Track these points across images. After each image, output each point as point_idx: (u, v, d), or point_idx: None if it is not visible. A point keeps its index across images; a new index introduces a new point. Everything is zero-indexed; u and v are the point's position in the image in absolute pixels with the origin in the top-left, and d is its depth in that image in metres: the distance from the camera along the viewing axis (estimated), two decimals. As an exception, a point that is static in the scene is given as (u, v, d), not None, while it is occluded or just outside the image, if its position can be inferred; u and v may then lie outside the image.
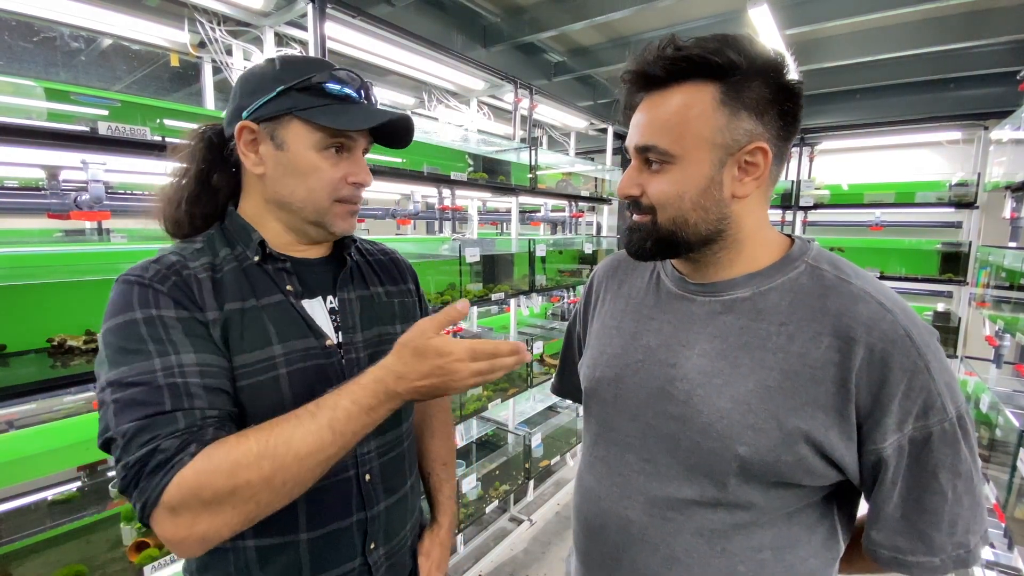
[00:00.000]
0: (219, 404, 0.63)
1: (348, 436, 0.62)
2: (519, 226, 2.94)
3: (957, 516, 0.62)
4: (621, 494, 0.74)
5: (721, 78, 0.63)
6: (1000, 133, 2.48)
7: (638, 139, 0.68)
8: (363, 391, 0.62)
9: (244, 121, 0.72)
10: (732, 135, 0.64)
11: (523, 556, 2.65)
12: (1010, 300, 2.18)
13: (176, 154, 0.79)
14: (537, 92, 2.94)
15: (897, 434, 0.61)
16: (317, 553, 0.74)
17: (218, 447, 0.58)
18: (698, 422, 0.67)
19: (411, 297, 0.94)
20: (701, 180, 0.65)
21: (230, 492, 0.56)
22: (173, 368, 0.61)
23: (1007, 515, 1.69)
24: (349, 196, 0.77)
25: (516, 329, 3.11)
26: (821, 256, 0.70)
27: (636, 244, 0.72)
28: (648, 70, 0.66)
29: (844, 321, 0.62)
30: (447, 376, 0.62)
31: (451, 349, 0.61)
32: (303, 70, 0.72)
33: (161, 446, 0.57)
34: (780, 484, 0.65)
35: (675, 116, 0.64)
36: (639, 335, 0.78)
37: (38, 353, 1.27)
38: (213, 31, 1.74)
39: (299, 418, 0.61)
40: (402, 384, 0.62)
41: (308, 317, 0.76)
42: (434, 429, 1.04)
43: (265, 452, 0.58)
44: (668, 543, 0.70)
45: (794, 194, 3.95)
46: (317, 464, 0.61)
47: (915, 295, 3.96)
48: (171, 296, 0.66)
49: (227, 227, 0.78)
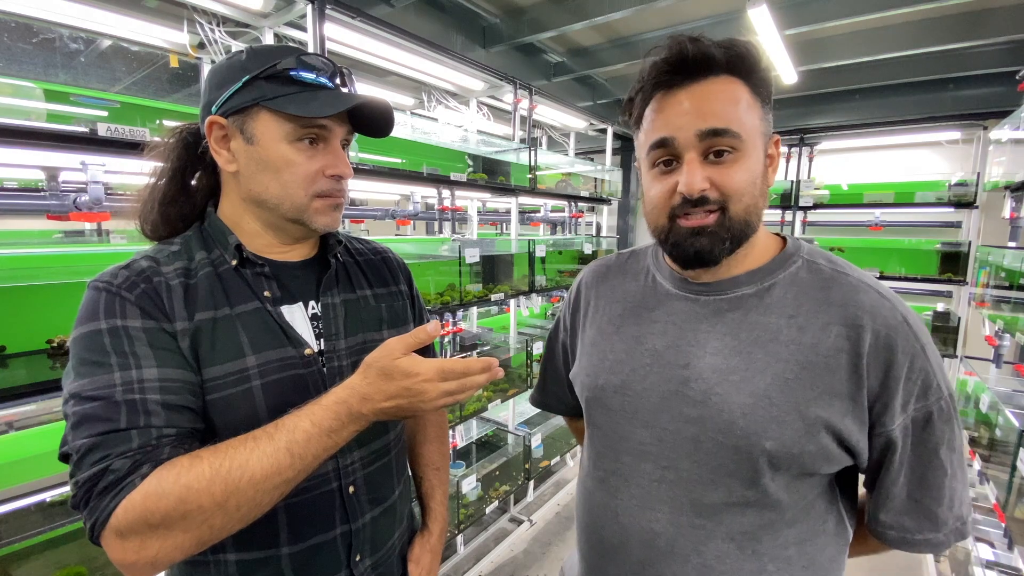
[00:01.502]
0: (178, 422, 0.61)
1: (308, 459, 0.59)
2: (519, 226, 2.94)
3: (955, 491, 0.65)
4: (642, 506, 0.71)
5: (747, 76, 0.65)
6: (999, 133, 2.48)
7: (706, 123, 0.62)
8: (324, 412, 0.60)
9: (213, 116, 0.69)
10: (764, 126, 0.67)
11: (523, 557, 2.65)
12: (1010, 300, 2.18)
13: (152, 153, 0.76)
14: (537, 92, 2.94)
15: (903, 415, 0.63)
16: (299, 567, 0.72)
17: (170, 469, 0.56)
18: (719, 421, 0.66)
19: (402, 299, 0.90)
20: (759, 167, 0.66)
21: (180, 517, 0.55)
22: (133, 383, 0.59)
23: (1007, 515, 1.69)
24: (328, 190, 0.72)
25: (516, 330, 3.11)
26: (815, 252, 0.73)
27: (708, 247, 0.66)
28: (701, 55, 0.63)
29: (850, 310, 0.64)
30: (415, 397, 0.60)
31: (419, 369, 0.59)
32: (269, 57, 0.67)
33: (112, 466, 0.55)
34: (800, 475, 0.66)
35: (734, 104, 0.64)
36: (643, 338, 0.75)
37: (37, 354, 1.27)
38: (212, 32, 1.74)
39: (256, 440, 0.58)
40: (367, 405, 0.60)
41: (286, 325, 0.72)
42: (428, 434, 1.01)
43: (218, 475, 0.56)
44: (699, 551, 0.68)
45: (794, 194, 3.95)
46: (274, 487, 0.58)
47: (915, 295, 3.96)
48: (138, 305, 0.63)
49: (206, 229, 0.75)
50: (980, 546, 2.09)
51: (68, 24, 1.74)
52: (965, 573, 2.13)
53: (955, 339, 3.27)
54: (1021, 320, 1.92)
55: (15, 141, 1.11)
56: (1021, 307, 1.99)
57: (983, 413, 2.09)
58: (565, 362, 0.94)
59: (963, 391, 2.56)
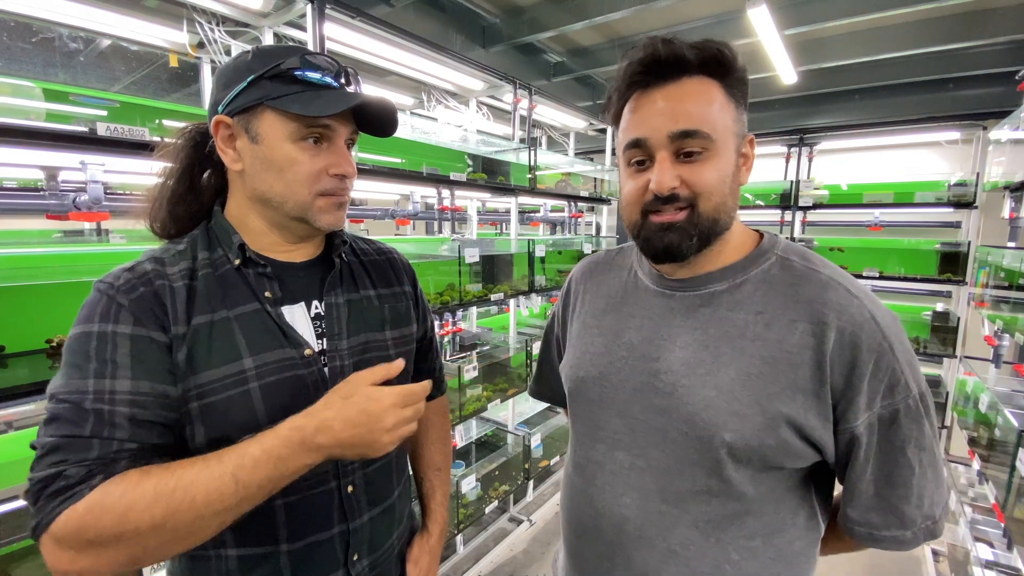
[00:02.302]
0: (140, 437, 0.61)
1: (253, 488, 0.59)
2: (518, 226, 2.94)
3: (924, 489, 0.66)
4: (614, 492, 0.75)
5: (721, 76, 0.67)
6: (999, 133, 2.48)
7: (677, 125, 0.64)
8: (275, 439, 0.60)
9: (219, 115, 0.70)
10: (738, 127, 0.69)
11: (523, 556, 2.65)
12: (1009, 300, 2.18)
13: (161, 152, 0.77)
14: (536, 92, 2.94)
15: (868, 412, 0.64)
16: (297, 564, 0.73)
17: (118, 483, 0.57)
18: (684, 412, 0.69)
19: (405, 300, 0.90)
20: (730, 167, 0.68)
21: (115, 536, 0.55)
22: (104, 393, 0.60)
23: (1006, 515, 1.69)
24: (332, 188, 0.73)
25: (515, 329, 3.11)
26: (790, 248, 0.74)
27: (676, 242, 0.68)
28: (674, 57, 0.65)
29: (816, 307, 0.66)
30: (374, 423, 0.62)
31: (379, 395, 0.63)
32: (273, 57, 0.68)
33: (67, 472, 0.56)
34: (766, 469, 0.67)
35: (706, 105, 0.65)
36: (621, 332, 0.79)
37: (37, 354, 1.28)
38: (212, 32, 1.74)
39: (206, 462, 0.59)
40: (323, 436, 0.61)
41: (285, 325, 0.72)
42: (430, 435, 1.02)
43: (160, 496, 0.56)
44: (665, 537, 0.70)
45: (793, 194, 3.95)
46: (215, 514, 0.57)
47: (914, 295, 3.96)
48: (132, 311, 0.63)
49: (212, 228, 0.76)
50: (979, 546, 2.09)
51: (68, 24, 1.74)
52: (965, 573, 2.13)
53: (954, 339, 3.27)
54: (1020, 320, 1.92)
55: (14, 140, 1.11)
56: (1020, 307, 1.99)
57: (982, 413, 2.09)
58: (559, 353, 0.96)
59: (962, 391, 2.56)
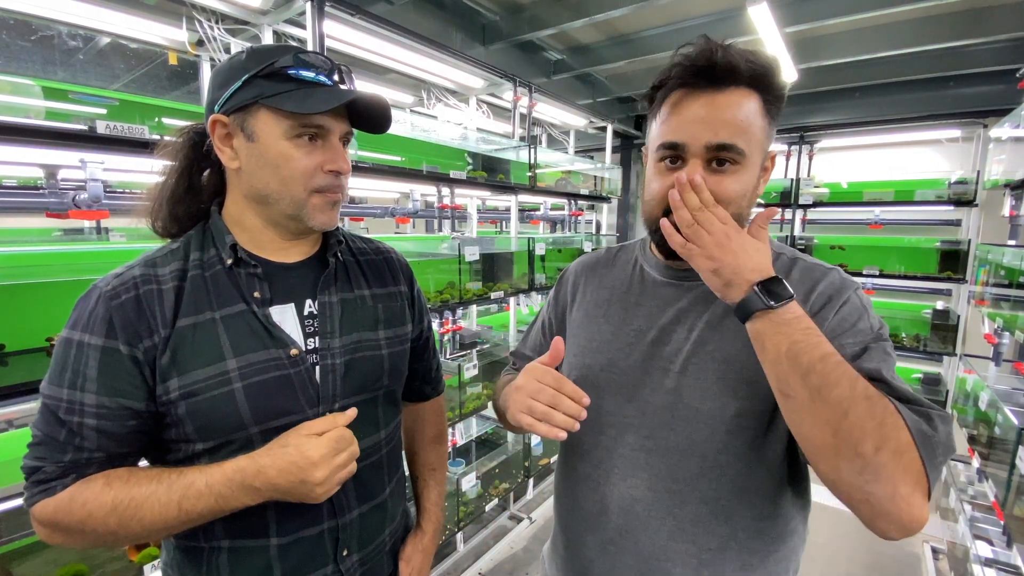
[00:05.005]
0: (106, 447, 0.67)
1: (195, 516, 0.65)
2: (518, 224, 2.94)
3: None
4: (623, 475, 0.76)
5: (764, 91, 0.69)
6: (999, 131, 2.48)
7: (717, 137, 0.67)
8: (221, 476, 0.65)
9: (215, 114, 0.70)
10: (767, 142, 0.72)
11: (523, 554, 2.65)
12: (1009, 298, 2.18)
13: (161, 151, 0.78)
14: (536, 90, 2.94)
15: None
16: (286, 559, 0.74)
17: (85, 488, 0.65)
18: (696, 387, 0.72)
19: (400, 300, 0.90)
20: (753, 180, 0.71)
21: (79, 531, 0.65)
22: (75, 405, 0.65)
23: (1006, 513, 1.69)
24: (327, 185, 0.73)
25: (515, 328, 3.11)
26: (781, 247, 0.81)
27: None
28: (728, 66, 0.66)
29: (807, 283, 0.73)
30: (305, 475, 0.64)
31: (309, 448, 0.65)
32: (267, 56, 0.69)
33: (46, 468, 0.65)
34: (766, 433, 0.70)
35: (746, 118, 0.68)
36: (628, 320, 0.82)
37: (37, 352, 1.27)
38: (211, 29, 1.73)
39: (159, 483, 0.65)
40: (260, 480, 0.64)
41: (271, 325, 0.73)
42: (426, 435, 1.02)
43: (115, 510, 0.64)
44: (675, 514, 0.72)
45: (793, 192, 3.95)
46: (160, 530, 0.66)
47: (914, 293, 3.95)
48: (107, 320, 0.66)
49: (208, 227, 0.77)
50: (979, 543, 2.09)
51: (67, 21, 1.74)
52: (964, 571, 2.13)
53: (954, 337, 3.27)
54: (1020, 318, 1.92)
55: (14, 139, 1.11)
56: (1020, 305, 1.99)
57: (982, 411, 2.09)
58: (545, 332, 0.98)
59: (962, 389, 2.56)
